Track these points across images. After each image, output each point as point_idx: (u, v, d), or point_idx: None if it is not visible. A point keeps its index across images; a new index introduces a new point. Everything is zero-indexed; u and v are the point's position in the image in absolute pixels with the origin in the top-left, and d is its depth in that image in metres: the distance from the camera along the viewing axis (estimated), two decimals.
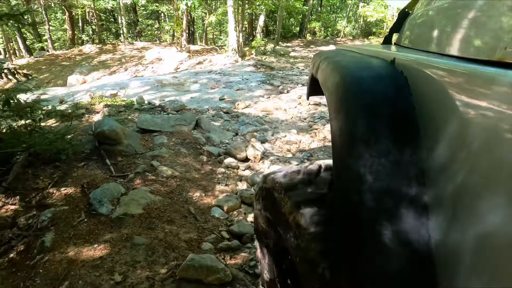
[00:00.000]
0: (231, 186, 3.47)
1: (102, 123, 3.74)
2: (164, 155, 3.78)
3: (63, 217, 2.57)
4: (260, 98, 8.14)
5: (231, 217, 2.98)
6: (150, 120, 4.74)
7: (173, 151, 3.96)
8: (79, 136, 4.05)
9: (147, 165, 3.53)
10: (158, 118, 4.86)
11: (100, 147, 3.70)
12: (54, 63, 15.97)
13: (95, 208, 2.66)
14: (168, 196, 3.04)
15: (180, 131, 4.70)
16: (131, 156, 3.72)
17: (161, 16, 23.27)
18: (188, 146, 4.23)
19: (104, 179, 3.24)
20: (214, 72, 10.81)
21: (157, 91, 8.55)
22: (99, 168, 3.44)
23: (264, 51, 13.66)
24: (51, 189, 3.07)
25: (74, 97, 9.12)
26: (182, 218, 2.77)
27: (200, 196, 3.16)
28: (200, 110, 7.02)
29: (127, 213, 2.59)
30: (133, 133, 4.38)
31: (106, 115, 6.62)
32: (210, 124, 5.15)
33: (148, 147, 4.10)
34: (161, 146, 4.10)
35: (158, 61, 15.48)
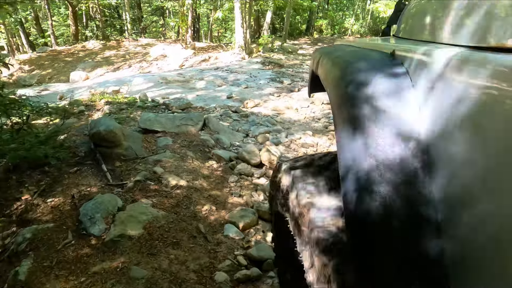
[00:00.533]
0: (245, 198, 2.98)
1: (98, 122, 3.25)
2: (168, 160, 3.29)
3: (46, 238, 2.09)
4: (270, 97, 7.64)
5: (247, 236, 2.49)
6: (153, 119, 4.26)
7: (178, 155, 3.47)
8: (73, 136, 3.57)
9: (149, 172, 3.04)
10: (162, 117, 4.38)
11: (96, 149, 3.22)
12: (57, 59, 15.52)
13: (85, 227, 2.18)
14: (173, 210, 2.55)
15: (186, 131, 4.21)
16: (131, 161, 3.23)
17: (166, 13, 22.76)
18: (195, 149, 3.74)
19: (98, 189, 2.76)
20: (221, 69, 10.31)
21: (161, 88, 8.07)
22: (94, 175, 2.96)
23: (272, 48, 13.13)
24: (37, 199, 2.59)
25: (74, 93, 8.66)
26: (190, 238, 2.28)
27: (210, 210, 2.67)
28: (207, 108, 6.53)
29: (124, 234, 2.10)
30: (134, 133, 3.90)
31: (106, 113, 6.15)
32: (218, 124, 4.65)
33: (150, 149, 3.61)
34: (165, 149, 3.61)
35: (163, 58, 14.99)
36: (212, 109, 6.44)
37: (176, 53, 14.97)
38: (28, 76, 14.35)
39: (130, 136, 3.68)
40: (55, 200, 2.55)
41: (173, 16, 21.57)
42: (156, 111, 6.28)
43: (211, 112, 6.28)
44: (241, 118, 6.01)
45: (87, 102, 6.84)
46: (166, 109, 6.34)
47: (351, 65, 0.85)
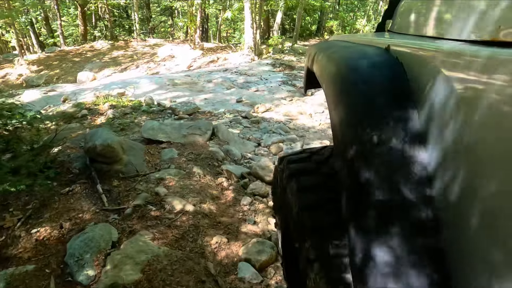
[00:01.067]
0: (261, 225, 2.55)
1: (94, 135, 2.85)
2: (173, 178, 2.88)
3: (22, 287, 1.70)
4: (282, 101, 7.20)
5: (266, 278, 2.06)
6: (157, 128, 3.86)
7: (184, 171, 3.06)
8: (68, 149, 3.18)
9: (150, 194, 2.63)
10: (167, 125, 3.97)
11: (91, 165, 2.83)
12: (65, 59, 15.29)
13: (71, 272, 1.78)
14: (177, 244, 2.14)
15: (194, 142, 3.80)
16: (131, 179, 2.83)
17: (175, 13, 22.43)
18: (203, 163, 3.33)
19: (92, 215, 2.36)
20: (230, 71, 9.90)
21: (168, 90, 7.69)
22: (88, 197, 2.56)
23: (282, 49, 12.68)
24: (20, 229, 2.20)
25: (78, 95, 8.33)
26: (197, 284, 1.87)
27: (221, 243, 2.26)
28: (215, 113, 6.13)
29: (117, 283, 1.69)
30: (136, 144, 3.50)
31: (109, 118, 5.79)
32: (228, 133, 4.23)
33: (153, 164, 3.21)
34: (170, 164, 3.21)
35: (171, 59, 14.65)
36: (221, 114, 6.03)
37: (184, 54, 14.61)
38: (36, 77, 14.13)
39: (131, 149, 3.28)
40: (41, 230, 2.16)
41: (182, 16, 21.22)
42: (162, 116, 5.90)
43: (220, 118, 5.88)
44: (252, 124, 5.59)
45: (91, 105, 6.49)
46: (172, 114, 5.95)
47: (346, 61, 0.83)
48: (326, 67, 0.93)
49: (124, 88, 7.79)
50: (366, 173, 0.62)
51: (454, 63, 0.56)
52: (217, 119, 5.77)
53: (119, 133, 5.16)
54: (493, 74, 0.45)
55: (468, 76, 0.51)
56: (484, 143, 0.46)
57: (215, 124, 4.28)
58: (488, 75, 0.46)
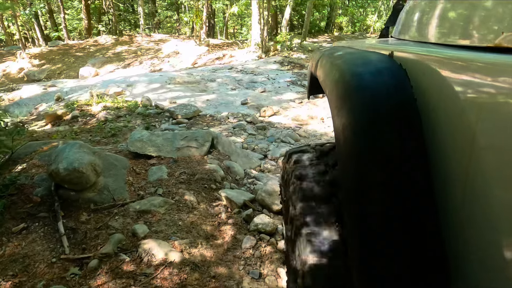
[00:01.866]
0: (269, 280, 1.93)
1: (60, 154, 2.24)
2: (157, 211, 2.27)
3: None
4: (291, 103, 6.54)
5: None
6: (146, 140, 3.24)
7: (173, 200, 2.44)
8: (34, 168, 2.58)
9: (126, 234, 2.02)
10: (159, 136, 3.35)
11: (56, 193, 2.23)
12: (67, 53, 14.75)
13: None
14: None
15: (189, 157, 3.19)
16: (104, 211, 2.23)
17: (182, 8, 21.73)
18: (197, 187, 2.72)
19: (46, 267, 1.76)
20: (235, 69, 9.24)
21: (168, 90, 7.07)
22: (46, 238, 1.97)
23: (290, 46, 11.96)
24: None
25: (75, 93, 7.75)
26: None
27: None
28: (217, 117, 5.50)
29: None
30: (120, 160, 2.89)
31: (101, 121, 5.19)
32: (230, 144, 3.60)
33: (137, 188, 2.60)
34: (157, 187, 2.60)
35: (175, 55, 14.02)
36: (224, 119, 5.40)
37: (189, 50, 13.97)
38: (38, 71, 13.62)
39: (111, 167, 2.68)
40: None
41: (188, 11, 20.53)
42: (159, 120, 5.29)
43: (222, 123, 5.25)
44: (258, 131, 4.95)
45: (83, 105, 5.91)
46: (170, 118, 5.34)
47: (349, 67, 0.82)
48: (329, 72, 0.92)
49: (122, 87, 7.19)
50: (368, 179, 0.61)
51: (457, 70, 0.55)
52: (219, 124, 5.15)
53: (109, 139, 4.58)
54: (496, 80, 0.44)
55: (472, 83, 0.50)
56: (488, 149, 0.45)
57: (215, 133, 3.65)
58: (491, 81, 0.45)
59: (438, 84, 0.58)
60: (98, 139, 4.51)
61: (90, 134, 4.71)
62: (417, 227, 0.56)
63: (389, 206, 0.58)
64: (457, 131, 0.52)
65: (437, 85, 0.58)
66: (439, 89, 0.58)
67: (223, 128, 4.90)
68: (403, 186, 0.58)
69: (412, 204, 0.57)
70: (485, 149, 0.46)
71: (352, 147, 0.66)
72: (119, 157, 3.00)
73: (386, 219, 0.58)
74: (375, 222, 0.59)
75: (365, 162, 0.63)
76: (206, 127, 4.97)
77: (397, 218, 0.57)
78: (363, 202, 0.61)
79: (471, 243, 0.48)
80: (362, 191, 0.62)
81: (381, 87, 0.69)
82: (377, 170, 0.61)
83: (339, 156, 0.74)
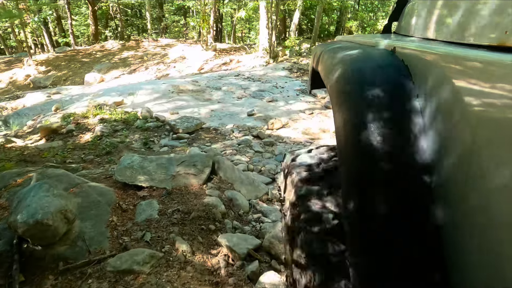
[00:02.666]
0: None
1: (22, 200, 1.79)
2: (141, 270, 1.80)
3: None
4: (301, 114, 6.05)
5: None
6: (137, 167, 2.79)
7: (162, 252, 1.97)
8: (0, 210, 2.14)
9: None
10: (152, 162, 2.89)
11: (19, 247, 1.78)
12: (73, 60, 14.52)
13: None
14: None
15: (185, 186, 2.72)
16: (76, 272, 1.77)
17: (190, 12, 21.43)
18: (193, 229, 2.24)
19: None
20: (242, 76, 8.78)
21: (171, 99, 6.65)
22: None
23: (299, 51, 11.47)
24: None
25: (76, 102, 7.38)
26: None
27: None
28: (221, 131, 5.04)
29: None
30: (104, 193, 2.44)
31: (97, 136, 4.77)
32: (233, 170, 3.12)
33: (120, 233, 2.13)
34: (144, 231, 2.13)
35: (182, 60, 13.66)
36: (228, 133, 4.94)
37: (196, 55, 13.59)
38: (44, 78, 13.39)
39: (92, 206, 2.23)
40: None
41: (196, 15, 20.21)
42: (158, 135, 4.85)
43: (227, 137, 4.78)
44: (265, 148, 4.48)
45: (80, 118, 5.51)
46: (170, 132, 4.90)
47: (351, 62, 0.80)
48: (331, 67, 0.90)
49: (123, 96, 6.80)
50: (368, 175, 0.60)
51: (459, 67, 0.54)
52: (222, 140, 4.69)
53: (103, 158, 4.15)
54: (499, 79, 0.43)
55: (474, 81, 0.49)
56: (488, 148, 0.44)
57: (217, 156, 3.18)
58: (494, 80, 0.44)
59: (440, 81, 0.57)
60: (91, 157, 4.09)
61: (84, 152, 4.29)
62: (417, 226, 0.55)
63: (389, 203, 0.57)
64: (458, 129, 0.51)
65: (439, 82, 0.57)
66: (441, 86, 0.56)
67: (227, 145, 4.44)
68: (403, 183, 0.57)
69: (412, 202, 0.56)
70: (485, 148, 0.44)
71: (352, 143, 0.65)
72: (105, 189, 2.55)
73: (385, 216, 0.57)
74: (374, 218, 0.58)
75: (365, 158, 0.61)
76: (208, 144, 4.51)
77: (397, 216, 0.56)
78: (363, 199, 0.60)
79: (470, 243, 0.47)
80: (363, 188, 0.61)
81: (383, 82, 0.67)
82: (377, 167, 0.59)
83: (340, 152, 0.71)
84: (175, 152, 4.25)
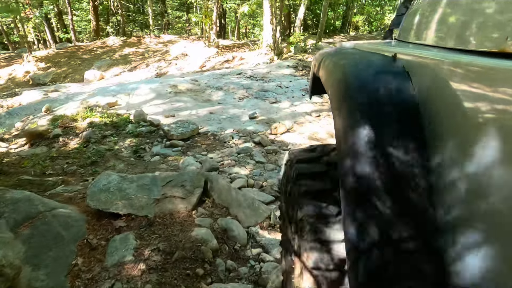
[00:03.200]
0: None
1: None
2: None
3: None
4: (307, 117, 5.55)
5: None
6: (115, 189, 2.32)
7: None
8: None
9: None
10: (133, 182, 2.43)
11: None
12: (74, 56, 14.08)
13: None
14: None
15: (171, 214, 2.26)
16: None
17: (193, 7, 20.84)
18: (176, 275, 1.78)
19: None
20: (244, 74, 8.28)
21: (168, 100, 6.18)
22: None
23: (304, 48, 10.90)
24: None
25: (70, 100, 6.94)
26: None
27: None
28: (220, 137, 4.57)
29: None
30: (72, 224, 1.99)
31: (83, 142, 4.33)
32: (229, 191, 2.65)
33: (83, 283, 1.68)
34: (114, 282, 1.68)
35: (183, 57, 13.15)
36: (227, 139, 4.46)
37: (198, 52, 13.08)
38: (43, 74, 12.98)
39: (51, 244, 1.78)
40: None
41: (199, 11, 19.63)
42: (150, 141, 4.39)
43: (226, 144, 4.31)
44: (267, 157, 4.00)
45: (69, 121, 5.07)
46: (163, 138, 4.44)
47: (352, 68, 0.80)
48: (331, 73, 0.90)
49: (118, 97, 6.34)
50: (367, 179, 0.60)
51: (460, 74, 0.53)
52: (220, 148, 4.21)
53: (87, 169, 3.70)
54: (500, 86, 0.43)
55: (474, 88, 0.49)
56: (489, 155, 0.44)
57: (210, 174, 2.71)
58: (494, 87, 0.44)
59: (441, 87, 0.56)
60: (74, 168, 3.65)
61: (67, 161, 3.85)
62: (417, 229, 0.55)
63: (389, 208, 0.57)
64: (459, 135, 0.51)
65: (440, 88, 0.57)
66: (442, 92, 0.56)
67: (225, 154, 3.97)
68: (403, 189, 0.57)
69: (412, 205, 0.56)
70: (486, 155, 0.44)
71: (352, 149, 0.64)
72: (74, 218, 2.10)
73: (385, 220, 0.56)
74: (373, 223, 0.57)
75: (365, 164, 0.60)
76: (204, 152, 4.05)
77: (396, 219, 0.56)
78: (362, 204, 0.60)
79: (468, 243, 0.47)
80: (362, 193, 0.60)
81: (383, 89, 0.66)
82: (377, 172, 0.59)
83: (339, 157, 0.70)
84: (167, 162, 3.79)
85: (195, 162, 3.69)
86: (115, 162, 3.79)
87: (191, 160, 3.74)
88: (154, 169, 3.63)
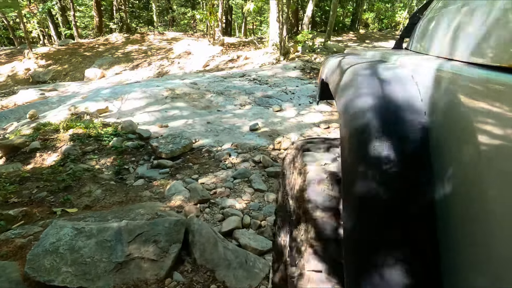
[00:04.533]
0: None
1: None
2: None
3: None
4: (315, 129, 4.91)
5: None
6: (64, 250, 1.74)
7: None
8: None
9: None
10: (90, 238, 1.84)
11: None
12: (75, 53, 13.57)
13: None
14: None
15: (136, 284, 1.68)
16: None
17: (199, 4, 20.13)
18: None
19: None
20: (248, 76, 7.64)
21: (163, 106, 5.59)
22: None
23: (312, 47, 10.18)
24: None
25: (61, 103, 6.41)
26: None
27: None
28: (215, 154, 3.96)
29: None
30: None
31: (60, 159, 3.77)
32: (216, 245, 2.04)
33: None
34: None
35: (187, 56, 12.54)
36: (223, 157, 3.86)
37: (202, 51, 12.44)
38: (43, 72, 12.50)
39: None
40: None
41: (205, 7, 18.92)
42: (136, 159, 3.81)
43: (220, 164, 3.71)
44: (268, 182, 3.39)
45: (50, 132, 4.52)
46: (151, 156, 3.85)
47: (360, 75, 0.79)
48: (339, 79, 0.89)
49: (109, 101, 5.77)
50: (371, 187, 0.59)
51: (469, 88, 0.51)
52: (215, 170, 3.61)
53: (58, 195, 3.12)
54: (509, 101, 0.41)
55: (483, 102, 0.47)
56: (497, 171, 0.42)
57: (191, 223, 2.11)
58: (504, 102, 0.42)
59: (449, 99, 0.55)
60: (43, 195, 3.09)
61: (38, 185, 3.29)
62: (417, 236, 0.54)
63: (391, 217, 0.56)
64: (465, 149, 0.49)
65: (448, 101, 0.55)
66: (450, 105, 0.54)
67: (220, 178, 3.37)
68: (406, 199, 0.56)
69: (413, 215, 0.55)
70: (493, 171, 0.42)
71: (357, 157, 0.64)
72: None
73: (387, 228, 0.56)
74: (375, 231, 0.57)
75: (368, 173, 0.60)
76: (195, 175, 3.45)
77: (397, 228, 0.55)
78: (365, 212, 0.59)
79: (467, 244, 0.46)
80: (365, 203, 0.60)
81: (391, 96, 0.66)
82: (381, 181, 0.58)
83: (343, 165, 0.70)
84: (151, 188, 3.21)
85: (183, 188, 3.11)
86: (91, 187, 3.22)
87: (179, 186, 3.15)
88: (135, 197, 3.05)
